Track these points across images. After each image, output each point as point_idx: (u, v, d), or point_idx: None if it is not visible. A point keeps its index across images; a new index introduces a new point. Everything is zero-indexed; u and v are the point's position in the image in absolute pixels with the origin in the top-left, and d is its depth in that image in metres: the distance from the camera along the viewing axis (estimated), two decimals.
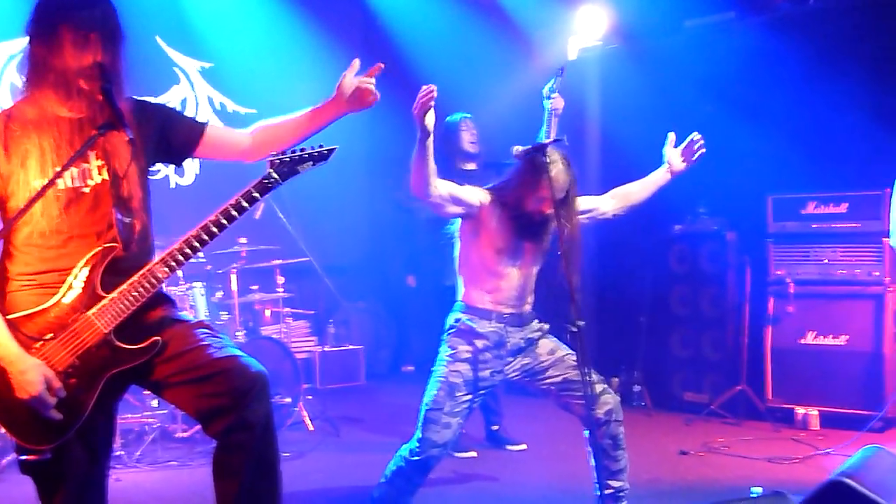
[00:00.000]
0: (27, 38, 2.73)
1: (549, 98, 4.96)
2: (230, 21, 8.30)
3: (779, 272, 6.39)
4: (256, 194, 2.81)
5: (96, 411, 2.71)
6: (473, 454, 5.68)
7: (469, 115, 5.81)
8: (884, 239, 5.81)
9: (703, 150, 4.24)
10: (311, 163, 2.92)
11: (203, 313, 6.39)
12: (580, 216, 4.01)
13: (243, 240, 6.66)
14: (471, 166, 5.71)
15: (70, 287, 2.69)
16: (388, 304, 9.12)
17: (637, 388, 7.07)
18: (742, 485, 4.57)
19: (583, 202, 4.08)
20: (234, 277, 6.60)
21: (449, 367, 3.89)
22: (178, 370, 2.77)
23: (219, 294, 6.69)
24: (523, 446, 5.82)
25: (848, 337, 6.10)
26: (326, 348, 8.16)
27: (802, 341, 6.25)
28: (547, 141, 3.89)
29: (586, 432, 3.89)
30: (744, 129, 6.50)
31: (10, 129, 2.70)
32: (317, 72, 8.74)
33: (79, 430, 2.67)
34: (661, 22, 7.24)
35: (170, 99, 8.24)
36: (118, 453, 5.63)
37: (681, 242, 6.96)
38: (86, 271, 2.69)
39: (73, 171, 2.72)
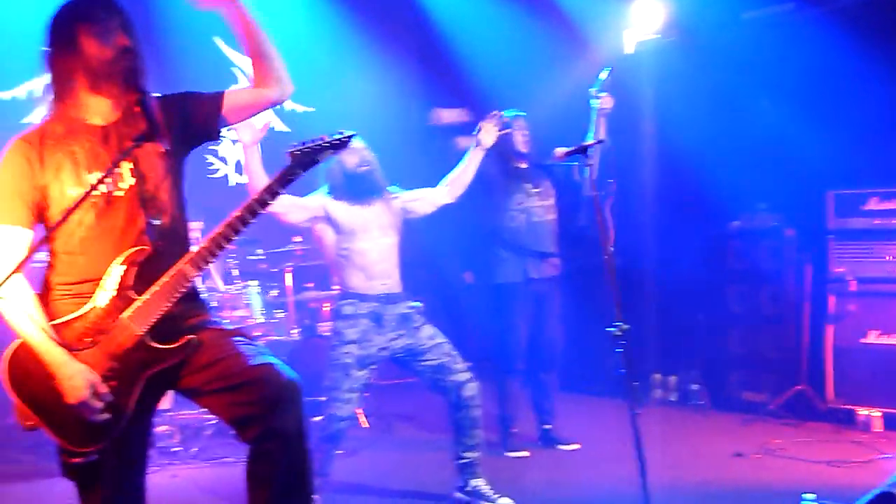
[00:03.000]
0: (48, 54, 2.78)
1: (596, 97, 4.91)
2: (286, 20, 8.35)
3: (839, 269, 6.22)
4: (279, 188, 2.82)
5: (133, 417, 2.75)
6: (526, 454, 5.65)
7: (523, 114, 5.74)
8: None
9: (503, 115, 4.99)
10: (331, 151, 2.92)
11: (258, 311, 6.47)
12: (410, 203, 4.77)
13: (298, 238, 6.73)
14: (522, 165, 5.68)
15: (104, 291, 2.72)
16: (444, 300, 9.12)
17: (694, 386, 6.98)
18: (796, 489, 4.47)
19: (410, 194, 4.81)
20: (289, 276, 6.66)
21: (340, 350, 4.53)
22: (211, 378, 2.79)
23: (273, 292, 6.76)
24: (576, 446, 5.78)
25: None
26: None
27: (864, 340, 6.08)
28: (589, 143, 3.86)
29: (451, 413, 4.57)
30: (803, 123, 6.33)
31: (44, 143, 2.75)
32: (372, 69, 8.79)
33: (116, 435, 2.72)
34: (719, 15, 7.09)
35: None
36: (175, 449, 5.75)
37: (739, 239, 6.83)
38: (118, 275, 2.72)
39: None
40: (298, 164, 2.86)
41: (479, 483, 4.64)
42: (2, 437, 5.72)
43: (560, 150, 3.83)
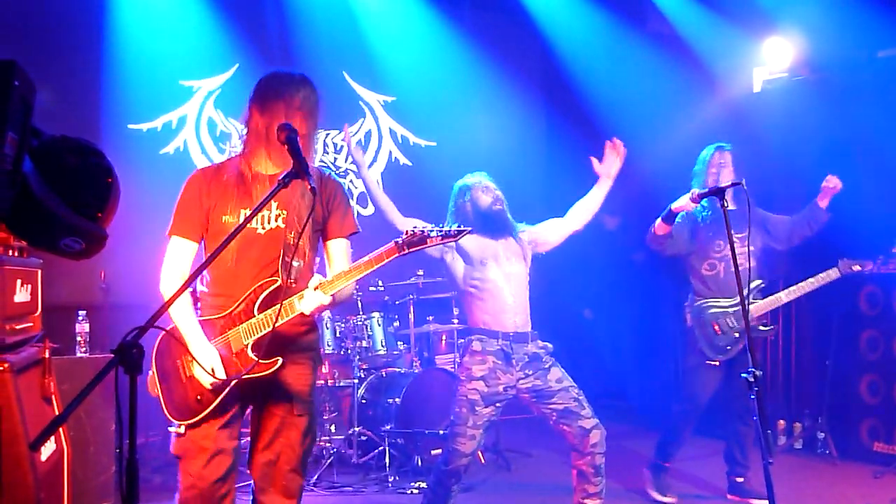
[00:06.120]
0: (248, 106, 3.30)
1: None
2: (412, 56, 8.51)
3: None
4: (376, 267, 3.14)
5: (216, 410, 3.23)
6: (673, 500, 5.52)
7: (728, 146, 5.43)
8: None
9: (623, 147, 4.65)
10: (440, 240, 3.21)
11: (380, 342, 6.57)
12: (538, 235, 4.76)
13: (420, 272, 6.81)
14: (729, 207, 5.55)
15: (237, 306, 3.24)
16: (563, 336, 9.05)
17: (821, 435, 6.74)
18: None
19: (537, 226, 4.80)
20: (411, 308, 6.75)
21: (466, 385, 4.47)
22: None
23: (395, 324, 6.86)
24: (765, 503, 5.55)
25: None
26: None
27: None
28: (725, 185, 3.78)
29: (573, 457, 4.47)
30: None
31: (214, 176, 3.33)
32: (495, 104, 8.86)
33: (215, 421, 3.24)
34: (852, 53, 6.91)
35: (356, 131, 8.52)
36: None
37: (872, 283, 6.59)
38: (250, 296, 3.22)
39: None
40: (400, 250, 3.15)
41: None
42: None
43: (695, 191, 3.77)
